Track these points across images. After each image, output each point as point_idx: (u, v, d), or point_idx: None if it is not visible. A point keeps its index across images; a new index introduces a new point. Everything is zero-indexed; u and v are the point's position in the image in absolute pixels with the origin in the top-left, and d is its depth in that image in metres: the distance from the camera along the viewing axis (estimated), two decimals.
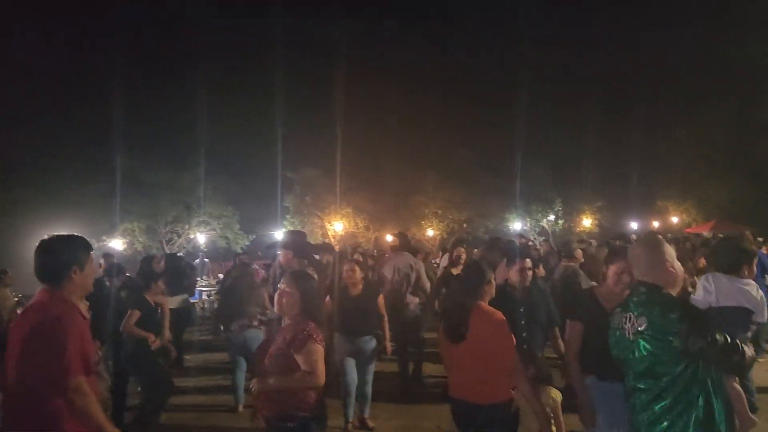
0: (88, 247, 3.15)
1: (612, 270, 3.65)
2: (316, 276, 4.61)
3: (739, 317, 4.20)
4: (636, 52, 40.31)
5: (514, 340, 3.65)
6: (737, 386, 3.71)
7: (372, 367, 6.11)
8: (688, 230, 29.48)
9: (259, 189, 34.31)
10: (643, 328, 2.68)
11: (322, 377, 3.30)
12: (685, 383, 2.61)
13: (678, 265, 2.86)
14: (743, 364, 2.67)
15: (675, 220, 36.26)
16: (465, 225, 36.71)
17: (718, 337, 2.55)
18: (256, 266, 10.26)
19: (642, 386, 2.70)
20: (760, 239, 11.92)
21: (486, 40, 42.58)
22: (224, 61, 35.32)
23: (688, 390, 2.60)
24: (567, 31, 41.46)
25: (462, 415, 3.76)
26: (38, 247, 3.03)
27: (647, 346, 2.66)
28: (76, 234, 3.23)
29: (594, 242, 12.26)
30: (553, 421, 3.93)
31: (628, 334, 2.76)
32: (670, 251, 2.85)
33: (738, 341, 2.60)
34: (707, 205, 36.52)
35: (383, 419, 6.30)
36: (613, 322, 2.92)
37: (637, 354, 2.70)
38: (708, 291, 4.37)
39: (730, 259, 4.43)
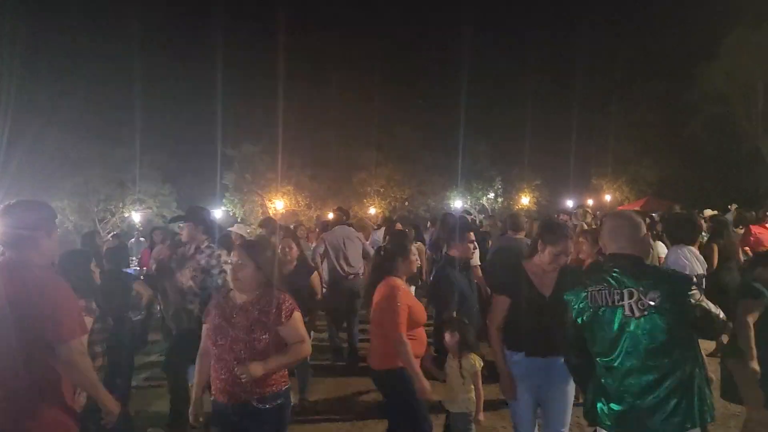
0: (53, 213, 2.95)
1: (550, 250, 3.51)
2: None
3: (701, 284, 4.51)
4: (573, 33, 41.18)
5: (400, 312, 3.72)
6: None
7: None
8: (621, 207, 30.52)
9: (198, 166, 33.43)
10: (657, 302, 2.53)
11: (309, 347, 3.24)
12: (687, 358, 2.58)
13: None
14: (720, 331, 2.71)
15: (609, 197, 37.48)
16: (406, 203, 36.92)
17: (705, 305, 2.57)
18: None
19: (651, 364, 2.55)
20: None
21: (427, 19, 42.56)
22: (160, 31, 34.04)
23: (689, 364, 2.58)
24: (507, 12, 41.88)
25: (373, 380, 4.07)
26: (2, 212, 2.80)
27: (660, 322, 2.53)
28: (39, 200, 3.03)
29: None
30: (473, 387, 4.03)
31: (631, 310, 2.58)
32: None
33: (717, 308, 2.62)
34: (639, 183, 37.97)
35: (321, 393, 6.22)
36: (590, 300, 2.71)
37: (644, 331, 2.55)
38: (687, 259, 4.60)
39: (690, 232, 4.73)
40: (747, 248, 8.10)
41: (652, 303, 2.55)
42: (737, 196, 22.50)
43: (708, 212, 12.82)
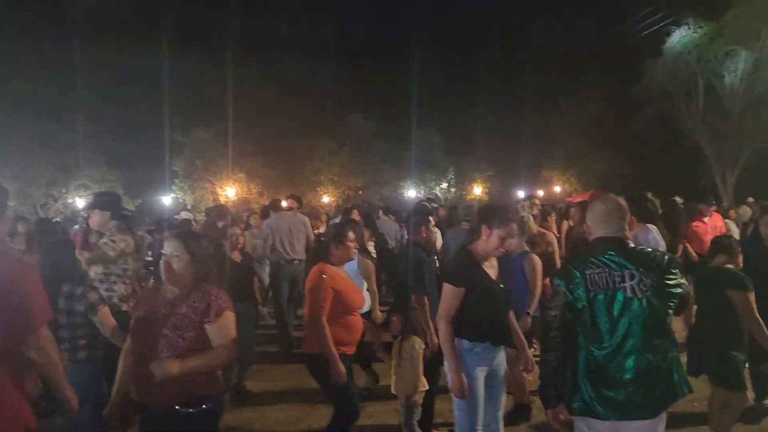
0: (5, 191, 2.74)
1: (498, 233, 3.48)
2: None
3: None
4: (525, 27, 41.77)
5: (322, 296, 3.72)
6: None
7: (250, 332, 5.87)
8: (569, 199, 31.25)
9: (146, 151, 32.48)
10: (656, 282, 2.63)
11: (236, 351, 2.90)
12: (672, 335, 2.72)
13: None
14: (687, 305, 2.83)
15: (558, 189, 38.35)
16: (360, 192, 36.89)
17: (684, 284, 2.68)
18: (141, 233, 9.75)
19: (653, 343, 2.61)
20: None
21: (382, 9, 42.47)
22: (108, 12, 32.82)
23: (675, 341, 2.71)
24: (462, 4, 42.14)
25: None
26: None
27: (657, 302, 2.62)
28: None
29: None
30: (414, 369, 4.09)
31: (633, 291, 2.62)
32: None
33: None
34: (587, 176, 38.95)
35: (270, 381, 6.19)
36: (589, 282, 2.68)
37: (645, 312, 2.61)
38: (657, 240, 4.76)
39: (650, 213, 5.01)
40: (685, 242, 8.30)
41: (651, 283, 2.62)
42: (680, 189, 23.34)
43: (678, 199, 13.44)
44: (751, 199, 16.59)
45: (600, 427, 2.67)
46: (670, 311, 2.68)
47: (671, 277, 2.66)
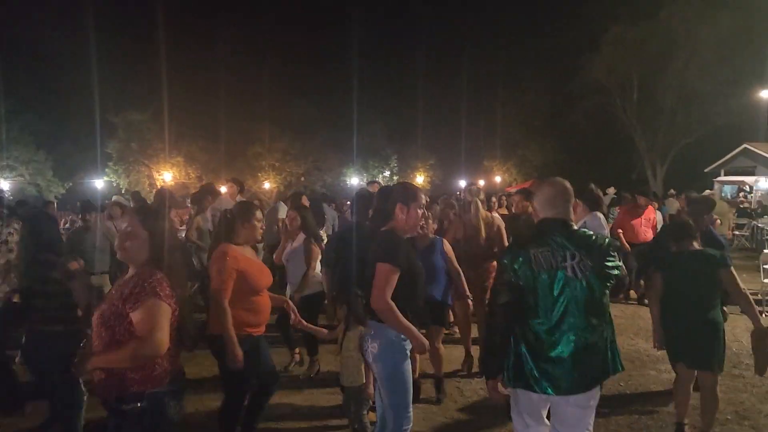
0: None
1: (415, 206, 3.35)
2: None
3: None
4: (468, 20, 42.17)
5: (224, 278, 3.64)
6: None
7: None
8: (509, 188, 31.90)
9: (77, 132, 31.06)
10: (595, 263, 2.71)
11: (160, 345, 2.47)
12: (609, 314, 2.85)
13: None
14: (623, 287, 2.88)
15: (498, 179, 39.06)
16: (302, 178, 36.50)
17: (621, 266, 2.79)
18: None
19: (591, 322, 2.70)
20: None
21: None
22: None
23: (608, 317, 2.83)
24: None
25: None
26: None
27: (596, 282, 2.70)
28: None
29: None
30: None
31: (573, 272, 2.69)
32: None
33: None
34: (526, 166, 39.90)
35: (208, 367, 6.02)
36: (533, 262, 2.74)
37: (584, 291, 2.69)
38: (603, 227, 4.85)
39: (596, 202, 5.14)
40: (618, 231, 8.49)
41: (591, 265, 2.70)
42: (613, 180, 24.14)
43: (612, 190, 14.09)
44: (673, 191, 17.23)
45: (536, 400, 2.80)
46: (607, 291, 2.78)
47: (610, 259, 2.75)
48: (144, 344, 2.45)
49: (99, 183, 32.20)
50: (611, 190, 15.68)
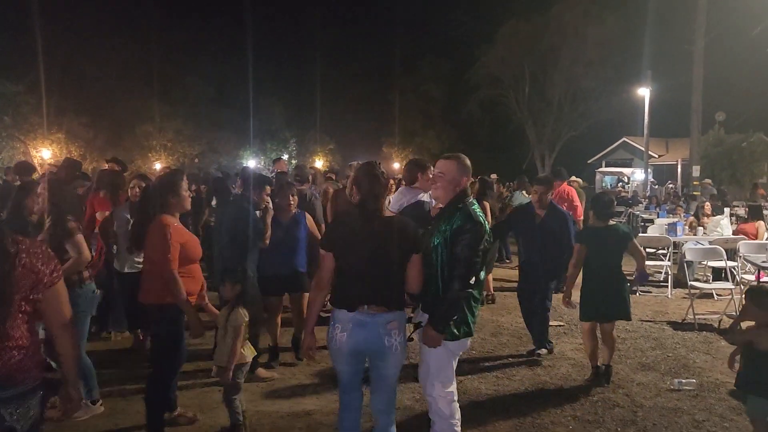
0: None
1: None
2: None
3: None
4: (366, 4, 42.17)
5: (171, 249, 3.73)
6: None
7: None
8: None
9: None
10: (448, 235, 3.31)
11: None
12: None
13: None
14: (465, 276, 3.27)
15: (397, 166, 39.55)
16: (197, 160, 35.17)
17: (467, 250, 3.28)
18: None
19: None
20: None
21: None
22: None
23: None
24: None
25: (144, 313, 4.19)
26: None
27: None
28: None
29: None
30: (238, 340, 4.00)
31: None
32: None
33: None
34: (424, 154, 40.58)
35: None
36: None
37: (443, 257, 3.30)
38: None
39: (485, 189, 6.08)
40: None
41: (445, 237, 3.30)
42: (505, 169, 25.13)
43: (494, 176, 15.06)
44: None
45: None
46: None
47: (461, 235, 3.29)
48: None
49: None
50: (494, 176, 16.65)
